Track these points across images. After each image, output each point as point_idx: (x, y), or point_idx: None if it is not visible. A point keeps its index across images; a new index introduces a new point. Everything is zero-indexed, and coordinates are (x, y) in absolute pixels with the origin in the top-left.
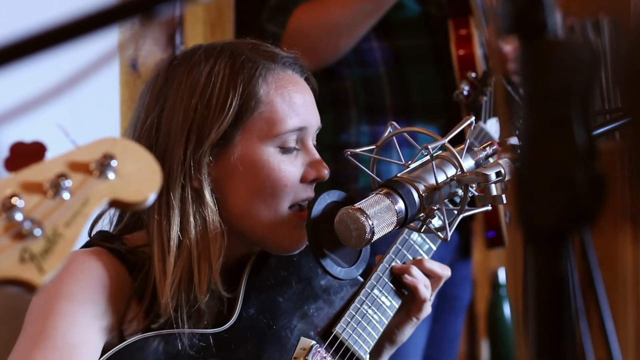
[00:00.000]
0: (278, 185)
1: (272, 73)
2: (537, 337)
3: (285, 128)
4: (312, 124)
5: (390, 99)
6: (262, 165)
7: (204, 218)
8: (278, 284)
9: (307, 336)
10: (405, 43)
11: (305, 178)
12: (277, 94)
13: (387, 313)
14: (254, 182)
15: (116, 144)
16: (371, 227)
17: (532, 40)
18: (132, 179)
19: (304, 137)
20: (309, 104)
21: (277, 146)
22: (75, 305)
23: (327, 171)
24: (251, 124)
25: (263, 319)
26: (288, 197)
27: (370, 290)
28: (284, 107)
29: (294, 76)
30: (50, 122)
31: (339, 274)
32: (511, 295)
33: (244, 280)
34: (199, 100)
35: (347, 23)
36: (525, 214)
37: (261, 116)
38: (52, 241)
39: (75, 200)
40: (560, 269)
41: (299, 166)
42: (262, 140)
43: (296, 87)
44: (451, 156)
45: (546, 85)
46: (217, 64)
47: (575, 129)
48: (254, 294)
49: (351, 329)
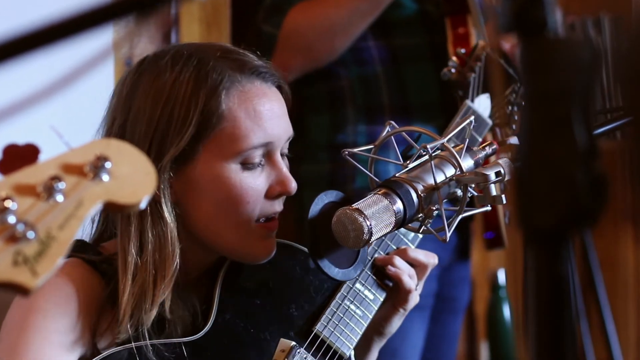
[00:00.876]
0: (240, 202)
1: (238, 85)
2: (537, 339)
3: (248, 145)
4: (280, 137)
5: (388, 98)
6: (223, 182)
7: (162, 232)
8: (254, 287)
9: (287, 337)
10: (402, 42)
11: (269, 194)
12: (240, 108)
13: (371, 307)
14: (215, 199)
15: (110, 146)
16: (369, 227)
17: (532, 39)
18: (127, 181)
19: (270, 150)
20: (277, 116)
21: (240, 162)
22: (48, 320)
23: (293, 185)
24: (213, 140)
25: (240, 323)
26: (252, 213)
27: (352, 285)
28: (247, 122)
29: (262, 87)
30: (44, 124)
31: (336, 275)
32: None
33: (218, 285)
34: (161, 113)
35: (343, 22)
36: (525, 214)
37: (223, 132)
38: (46, 244)
39: (69, 203)
40: (560, 269)
41: (263, 182)
42: (224, 157)
43: (263, 99)
44: (450, 156)
45: (546, 84)
46: (182, 74)
47: (575, 128)
48: (229, 298)
49: (332, 326)
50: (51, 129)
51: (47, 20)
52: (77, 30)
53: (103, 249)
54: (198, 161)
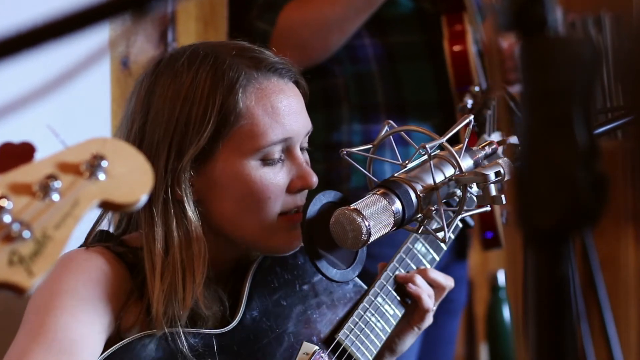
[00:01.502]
0: (261, 198)
1: (254, 83)
2: (537, 341)
3: (267, 141)
4: (299, 132)
5: (383, 97)
6: (243, 179)
7: (187, 231)
8: (282, 288)
9: (310, 341)
10: (398, 39)
11: (291, 188)
12: (258, 105)
13: (390, 321)
14: (237, 195)
15: (106, 144)
16: (367, 228)
17: (531, 37)
18: (123, 180)
19: (289, 146)
20: (295, 111)
21: (260, 159)
22: (77, 300)
23: (314, 179)
24: (232, 138)
25: (266, 322)
26: (274, 207)
27: (374, 298)
28: (265, 119)
29: (278, 83)
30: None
31: (334, 275)
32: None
33: (248, 282)
34: (180, 113)
35: (338, 19)
36: (525, 215)
37: (241, 130)
38: (42, 243)
39: (65, 202)
40: (560, 270)
41: (284, 177)
42: (244, 154)
43: (280, 96)
44: (449, 156)
45: (546, 83)
46: (199, 74)
47: (576, 127)
48: (257, 296)
49: (354, 336)
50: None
51: (42, 18)
52: (73, 29)
53: (126, 242)
54: (218, 159)
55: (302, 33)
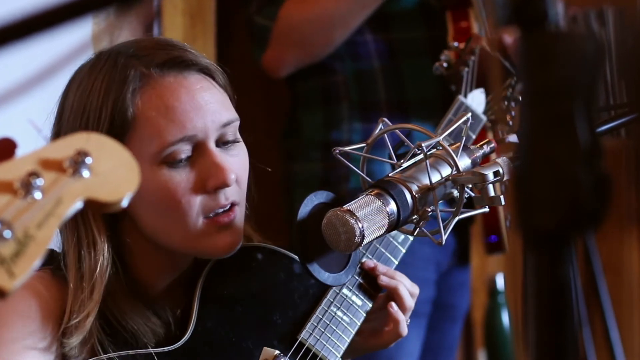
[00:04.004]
0: (172, 202)
1: (149, 82)
2: (538, 347)
3: (164, 143)
4: (205, 127)
5: (385, 95)
6: (151, 186)
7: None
8: (237, 293)
9: (271, 345)
10: (401, 36)
11: (207, 188)
12: (151, 107)
13: (359, 313)
14: (152, 204)
15: (91, 140)
16: (361, 230)
17: (532, 32)
18: (108, 177)
19: (198, 143)
20: (198, 106)
21: (163, 162)
22: (13, 332)
23: (232, 176)
24: (130, 144)
25: (221, 332)
26: (191, 211)
27: (339, 290)
28: (159, 120)
29: (177, 79)
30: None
31: (326, 279)
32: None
33: (197, 292)
34: (80, 123)
35: (342, 14)
36: (525, 216)
37: (137, 135)
38: (23, 243)
39: (47, 200)
40: (562, 274)
41: (193, 177)
42: (145, 159)
43: (176, 93)
44: (446, 155)
45: (547, 80)
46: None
47: (578, 126)
48: (210, 305)
49: (318, 334)
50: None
51: (24, 12)
52: (55, 23)
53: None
54: None
55: (304, 29)
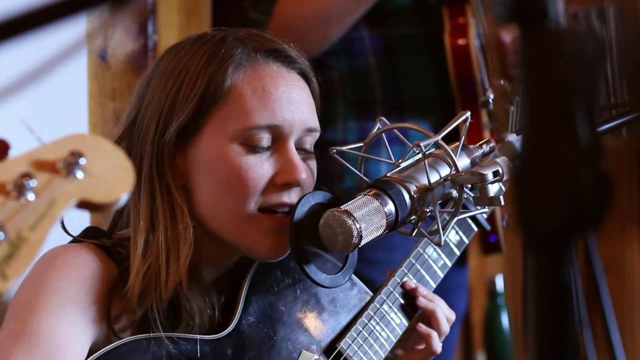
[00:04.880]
0: (239, 185)
1: (251, 62)
2: (538, 349)
3: (251, 123)
4: (293, 123)
5: (381, 93)
6: (224, 162)
7: (172, 211)
8: (281, 292)
9: (310, 350)
10: (397, 32)
11: (275, 181)
12: (248, 85)
13: (396, 331)
14: (216, 180)
15: (85, 141)
16: (359, 230)
17: (532, 29)
18: (103, 178)
19: (281, 136)
20: (292, 100)
21: (244, 143)
22: (62, 300)
23: (303, 175)
24: (216, 116)
25: (264, 328)
26: (253, 199)
27: (380, 306)
28: (253, 100)
29: (279, 70)
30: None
31: (323, 281)
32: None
33: (245, 285)
34: (172, 88)
35: (338, 11)
36: (525, 217)
37: (227, 108)
38: (16, 246)
39: (40, 202)
40: (562, 275)
41: (269, 167)
42: (227, 135)
43: (276, 81)
44: (445, 154)
45: (547, 78)
46: (200, 50)
47: (578, 125)
48: (255, 300)
49: (357, 345)
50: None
51: (17, 10)
52: (48, 21)
53: (117, 236)
54: (202, 139)
55: (299, 24)
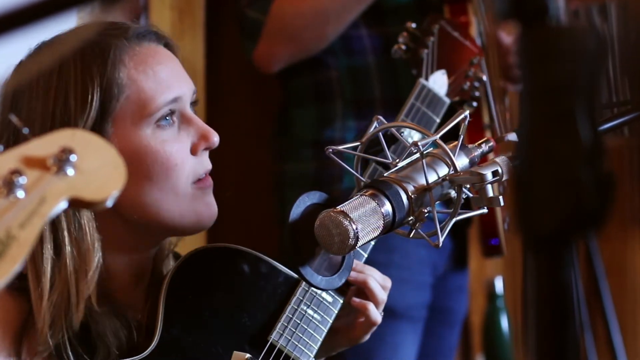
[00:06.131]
0: (168, 166)
1: (127, 51)
2: (538, 353)
3: (157, 105)
4: (185, 92)
5: (380, 92)
6: (144, 152)
7: (79, 227)
8: (202, 296)
9: (241, 349)
10: (397, 30)
11: (194, 151)
12: (138, 72)
13: (330, 310)
14: (142, 171)
15: (75, 137)
16: (355, 231)
17: (532, 27)
18: (94, 175)
19: (180, 108)
20: (176, 72)
21: (154, 126)
22: None
23: (216, 138)
24: (120, 112)
25: (189, 337)
26: (184, 174)
27: (308, 288)
28: (150, 84)
29: (150, 47)
30: None
31: (319, 283)
32: (509, 307)
33: (162, 297)
34: (55, 106)
35: (336, 8)
36: (524, 218)
37: (128, 101)
38: (5, 244)
39: (30, 199)
40: (563, 277)
41: (185, 140)
42: (136, 124)
43: (157, 58)
44: (443, 154)
45: (548, 76)
46: (65, 60)
47: (579, 124)
48: (175, 311)
49: (289, 334)
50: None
51: (6, 7)
52: (38, 18)
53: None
54: (112, 139)
55: (297, 23)
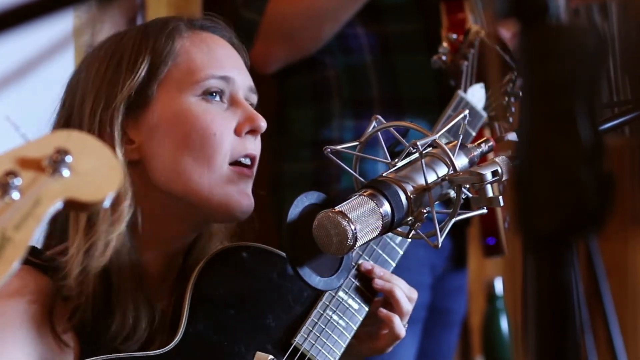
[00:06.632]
0: (206, 134)
1: (188, 30)
2: (538, 354)
3: (206, 74)
4: (239, 79)
5: (378, 91)
6: (185, 116)
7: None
8: (228, 295)
9: (264, 350)
10: (394, 28)
11: (239, 131)
12: (193, 45)
13: (356, 317)
14: (179, 136)
15: (71, 138)
16: (354, 232)
17: (532, 25)
18: (89, 177)
19: (232, 91)
20: (233, 58)
21: (200, 94)
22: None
23: (263, 123)
24: (168, 77)
25: (213, 335)
26: (221, 150)
27: (335, 293)
28: (202, 56)
29: (214, 36)
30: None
31: (317, 284)
32: (509, 308)
33: (189, 292)
34: (108, 65)
35: (332, 7)
36: (524, 218)
37: (178, 67)
38: (0, 245)
39: (25, 201)
40: (563, 278)
41: (231, 118)
42: (182, 90)
43: (216, 41)
44: (443, 153)
45: (548, 75)
46: (128, 34)
47: (580, 123)
48: (200, 307)
49: (313, 339)
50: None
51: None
52: (34, 16)
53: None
54: (156, 103)
55: (293, 22)
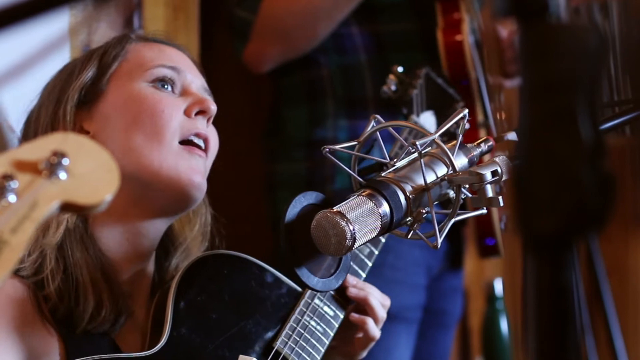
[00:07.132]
0: (154, 111)
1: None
2: (538, 355)
3: (154, 64)
4: (193, 76)
5: (372, 90)
6: (135, 98)
7: None
8: (210, 300)
9: (247, 354)
10: (388, 28)
11: (188, 111)
12: (143, 46)
13: (332, 323)
14: (129, 118)
15: (68, 140)
16: (352, 232)
17: (532, 24)
18: (86, 179)
19: (184, 83)
20: (188, 62)
21: (151, 81)
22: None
23: (213, 106)
24: (118, 71)
25: (197, 339)
26: (170, 125)
27: (311, 300)
28: (152, 53)
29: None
30: None
31: (316, 284)
32: (508, 309)
33: (172, 296)
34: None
35: (326, 6)
36: (524, 218)
37: (128, 62)
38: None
39: (22, 204)
40: (563, 279)
41: (180, 102)
42: (133, 79)
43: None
44: (442, 153)
45: (548, 74)
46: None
47: (580, 122)
48: (183, 311)
49: (294, 343)
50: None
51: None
52: (30, 15)
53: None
54: (107, 94)
55: (287, 22)
